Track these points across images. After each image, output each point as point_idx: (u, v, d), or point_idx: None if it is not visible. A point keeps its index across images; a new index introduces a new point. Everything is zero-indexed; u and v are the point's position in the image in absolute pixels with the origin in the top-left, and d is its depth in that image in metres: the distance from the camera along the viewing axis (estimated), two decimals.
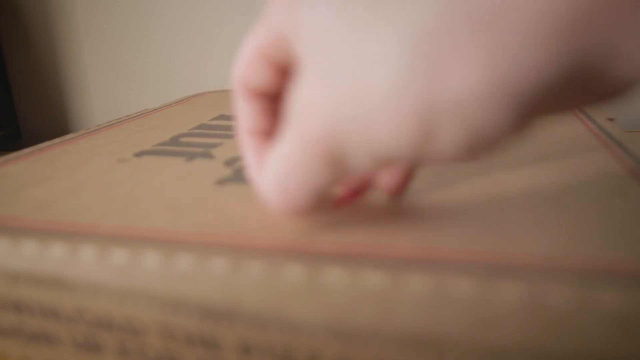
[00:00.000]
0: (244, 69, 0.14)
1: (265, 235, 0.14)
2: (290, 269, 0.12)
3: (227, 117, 0.29)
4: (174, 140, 0.24)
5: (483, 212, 0.15)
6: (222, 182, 0.18)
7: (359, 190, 0.16)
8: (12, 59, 0.59)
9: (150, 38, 0.55)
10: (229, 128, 0.27)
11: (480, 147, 0.10)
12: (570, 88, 0.10)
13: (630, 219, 0.14)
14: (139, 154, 0.22)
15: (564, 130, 0.25)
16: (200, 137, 0.25)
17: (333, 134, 0.11)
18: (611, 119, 0.27)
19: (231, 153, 0.22)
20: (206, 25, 0.53)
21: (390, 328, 0.12)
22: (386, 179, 0.15)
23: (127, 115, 0.30)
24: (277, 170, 0.13)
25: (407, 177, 0.15)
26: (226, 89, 0.40)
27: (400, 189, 0.16)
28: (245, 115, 0.15)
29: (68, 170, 0.20)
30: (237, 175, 0.19)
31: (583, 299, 0.11)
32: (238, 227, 0.14)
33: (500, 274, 0.12)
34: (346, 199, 0.16)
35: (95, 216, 0.15)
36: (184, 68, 0.55)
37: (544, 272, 0.12)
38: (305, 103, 0.11)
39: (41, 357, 0.15)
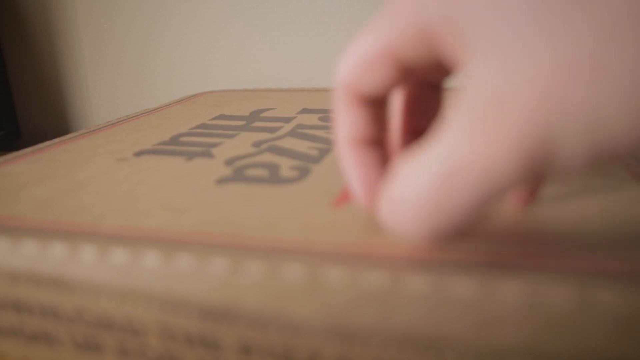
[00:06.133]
0: (359, 73, 0.13)
1: (265, 235, 0.14)
2: (290, 269, 0.12)
3: (227, 117, 0.29)
4: (174, 140, 0.24)
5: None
6: (222, 181, 0.18)
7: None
8: (12, 59, 0.59)
9: (150, 38, 0.55)
10: (229, 128, 0.27)
11: None
12: None
13: (630, 219, 0.14)
14: (138, 154, 0.22)
15: None
16: (201, 136, 0.25)
17: (542, 128, 0.09)
18: None
19: (231, 152, 0.22)
20: (206, 25, 0.53)
21: (390, 328, 0.12)
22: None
23: (127, 115, 0.30)
24: (430, 184, 0.11)
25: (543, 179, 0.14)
26: (226, 89, 0.40)
27: (534, 193, 0.15)
28: (349, 123, 0.14)
29: (68, 170, 0.20)
30: (237, 174, 0.19)
31: (583, 299, 0.11)
32: (238, 227, 0.14)
33: (500, 274, 0.12)
34: (345, 198, 0.16)
35: (95, 216, 0.15)
36: (184, 68, 0.55)
37: (544, 272, 0.12)
38: (497, 97, 0.10)
39: (41, 357, 0.15)
